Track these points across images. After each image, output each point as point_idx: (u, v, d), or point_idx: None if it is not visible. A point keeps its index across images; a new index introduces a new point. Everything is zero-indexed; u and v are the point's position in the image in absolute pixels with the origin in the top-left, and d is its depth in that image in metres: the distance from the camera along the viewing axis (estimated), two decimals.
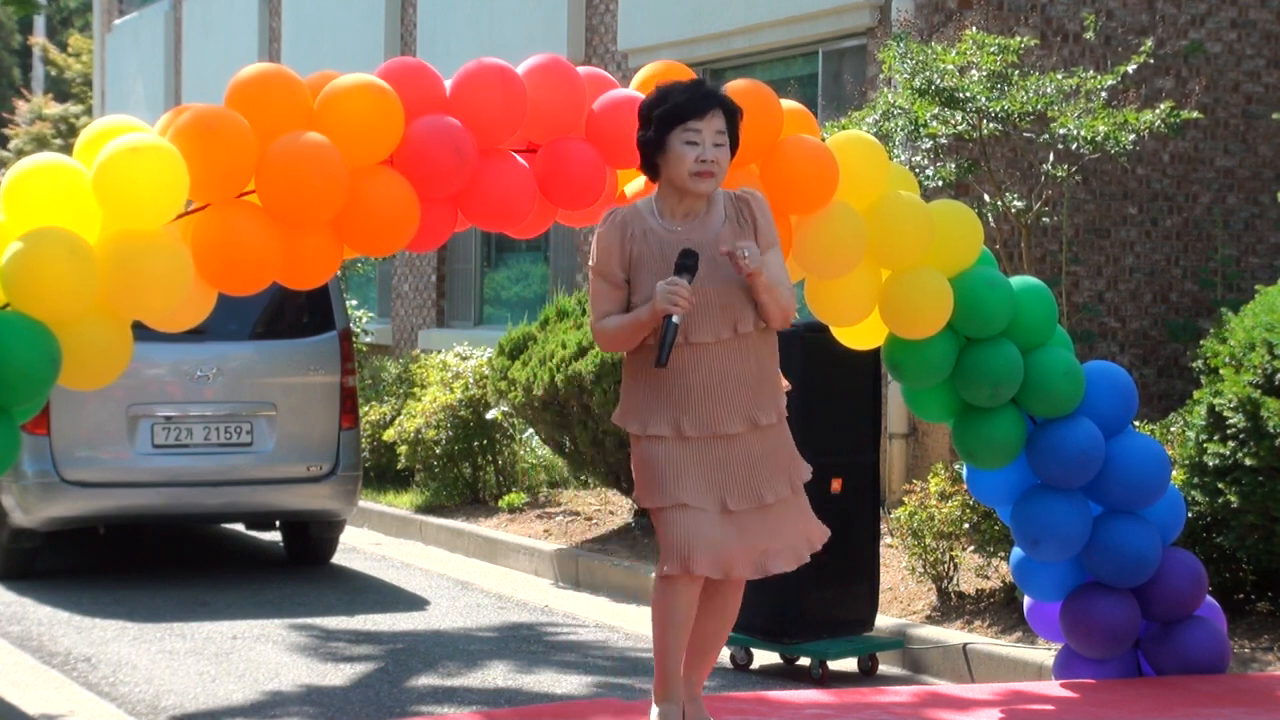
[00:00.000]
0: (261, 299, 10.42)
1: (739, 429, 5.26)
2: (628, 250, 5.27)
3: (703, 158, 5.21)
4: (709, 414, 5.24)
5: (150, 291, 5.39)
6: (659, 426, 5.25)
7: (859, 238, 6.12)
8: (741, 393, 5.27)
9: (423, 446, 12.65)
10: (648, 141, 5.29)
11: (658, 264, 5.25)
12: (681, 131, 5.22)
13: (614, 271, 5.29)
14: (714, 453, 5.25)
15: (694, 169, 5.22)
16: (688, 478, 5.23)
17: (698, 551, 5.19)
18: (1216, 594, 7.35)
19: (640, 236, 5.27)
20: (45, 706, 7.30)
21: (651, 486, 5.27)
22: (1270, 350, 7.38)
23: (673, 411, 5.24)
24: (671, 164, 5.25)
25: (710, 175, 5.24)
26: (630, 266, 5.27)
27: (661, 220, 5.30)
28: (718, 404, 5.25)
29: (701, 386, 5.24)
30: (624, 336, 5.30)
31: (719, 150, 5.25)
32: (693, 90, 5.28)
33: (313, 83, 5.67)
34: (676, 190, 5.30)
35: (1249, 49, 11.95)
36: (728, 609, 5.42)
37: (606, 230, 5.32)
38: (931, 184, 9.72)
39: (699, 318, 5.22)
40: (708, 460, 5.25)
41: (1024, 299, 6.41)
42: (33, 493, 10.06)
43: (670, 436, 5.24)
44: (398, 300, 17.81)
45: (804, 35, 12.50)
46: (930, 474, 8.88)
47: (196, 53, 22.70)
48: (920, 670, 8.10)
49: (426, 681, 7.82)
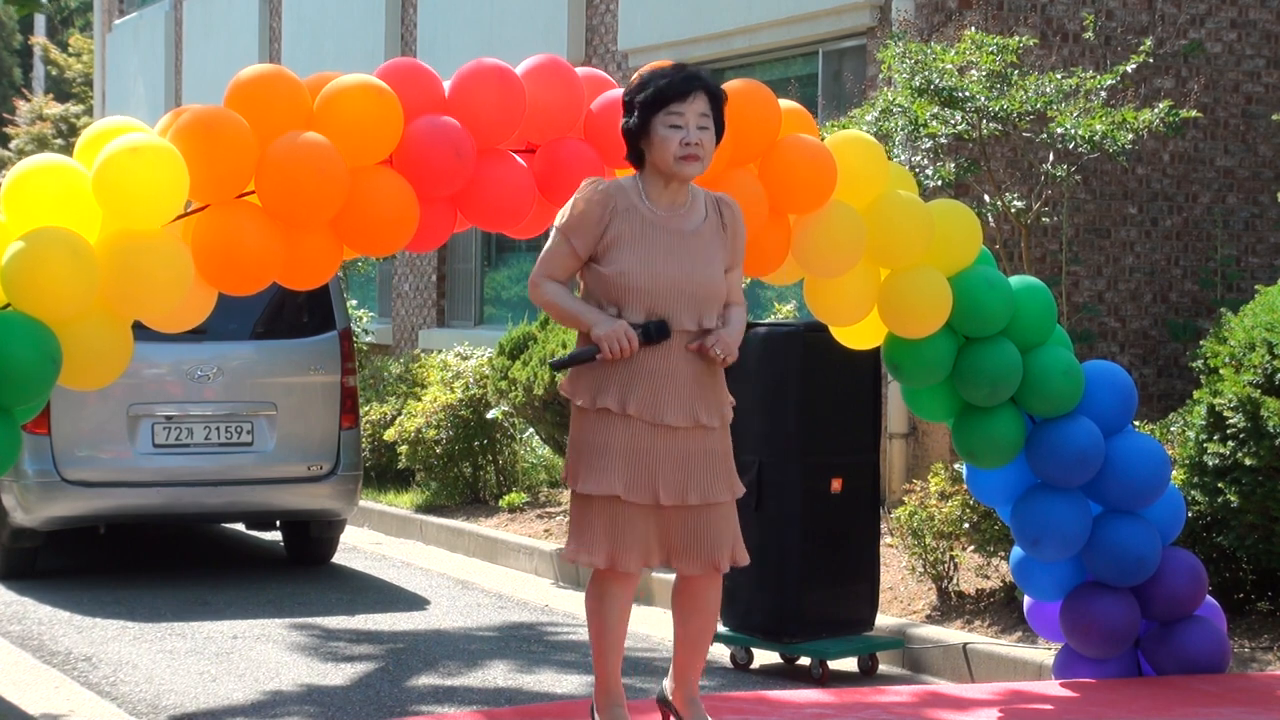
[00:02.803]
0: (262, 299, 10.42)
1: (681, 423, 5.21)
2: (604, 225, 5.22)
3: (687, 140, 5.18)
4: (655, 400, 5.19)
5: (150, 291, 5.40)
6: (606, 398, 5.19)
7: (858, 237, 6.12)
8: (690, 388, 5.23)
9: (423, 446, 12.65)
10: (631, 129, 5.27)
11: (639, 243, 5.20)
12: (665, 115, 5.19)
13: (579, 243, 5.25)
14: (653, 441, 5.19)
15: (679, 152, 5.19)
16: (625, 467, 5.18)
17: (626, 547, 5.17)
18: (1216, 594, 7.35)
19: (624, 213, 5.23)
20: (45, 706, 7.30)
21: (587, 469, 5.21)
22: (1270, 350, 7.38)
23: (622, 388, 5.19)
24: (656, 149, 5.22)
25: (696, 159, 5.21)
26: (605, 240, 5.22)
27: (647, 202, 5.28)
28: (666, 393, 5.20)
29: (653, 372, 5.19)
30: (557, 314, 5.32)
31: (703, 133, 5.22)
32: (674, 74, 5.24)
33: (312, 83, 5.68)
34: (662, 176, 5.26)
35: (1249, 49, 11.95)
36: (710, 605, 5.37)
37: (587, 200, 5.24)
38: (931, 183, 9.73)
39: (667, 304, 5.19)
40: (646, 448, 5.19)
41: (1023, 298, 6.42)
42: (33, 492, 10.06)
43: (615, 413, 5.18)
44: (398, 300, 17.82)
45: (804, 35, 12.50)
46: (930, 474, 8.88)
47: (197, 53, 22.70)
48: (920, 670, 8.10)
49: (426, 681, 7.82)
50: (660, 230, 5.24)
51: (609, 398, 5.20)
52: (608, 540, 5.19)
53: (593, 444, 5.22)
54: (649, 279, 5.19)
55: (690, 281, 5.22)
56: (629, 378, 5.19)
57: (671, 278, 5.20)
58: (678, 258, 5.22)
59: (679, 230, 5.26)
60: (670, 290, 5.20)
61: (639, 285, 5.20)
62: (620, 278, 5.20)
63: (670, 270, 5.20)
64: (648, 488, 5.19)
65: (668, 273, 5.20)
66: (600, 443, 5.21)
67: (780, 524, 7.76)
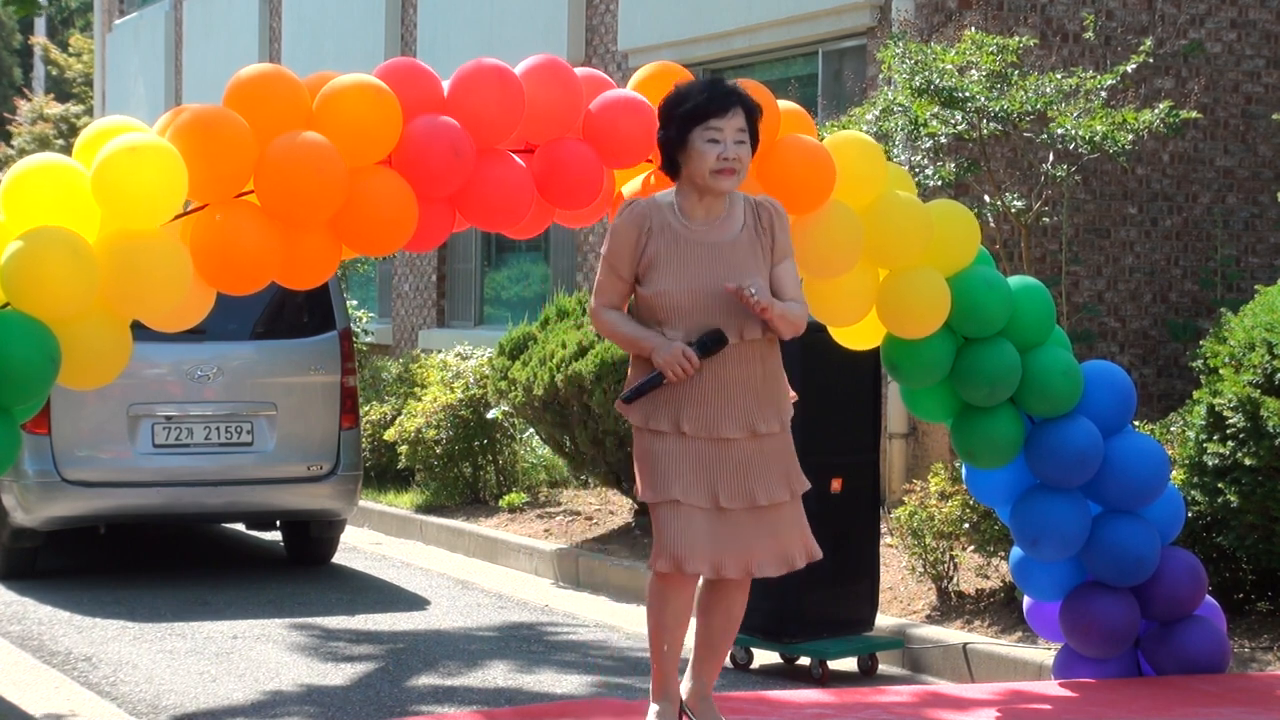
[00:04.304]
0: (261, 299, 10.43)
1: (737, 434, 5.28)
2: (641, 247, 5.28)
3: (724, 155, 5.23)
4: (709, 416, 5.26)
5: (149, 291, 5.39)
6: (659, 421, 5.27)
7: (856, 238, 6.12)
8: (744, 398, 5.29)
9: (423, 446, 12.65)
10: (669, 140, 5.31)
11: (674, 261, 5.26)
12: (703, 130, 5.24)
13: (621, 268, 5.32)
14: (710, 452, 5.26)
15: (715, 166, 5.24)
16: (682, 473, 5.24)
17: (689, 551, 5.21)
18: (1216, 594, 7.35)
19: (658, 232, 5.29)
20: (45, 706, 7.30)
21: (647, 481, 5.30)
22: (1270, 350, 7.38)
23: (674, 409, 5.26)
24: (693, 162, 5.27)
25: (732, 173, 5.27)
26: (643, 262, 5.28)
27: (681, 218, 5.31)
28: (719, 407, 5.26)
29: (704, 388, 5.25)
30: (619, 341, 5.38)
31: (740, 148, 5.28)
32: (713, 90, 5.30)
33: (311, 83, 5.68)
34: (697, 189, 5.31)
35: (1249, 49, 11.95)
36: (734, 607, 5.42)
37: (622, 224, 5.33)
38: (931, 184, 9.73)
39: (707, 320, 5.23)
40: (703, 457, 5.26)
41: (1022, 298, 6.42)
42: (33, 492, 10.06)
43: (669, 432, 5.26)
44: (398, 300, 17.82)
45: (804, 35, 12.50)
46: (930, 474, 8.88)
47: (196, 53, 22.70)
48: (920, 670, 8.10)
49: (426, 681, 7.82)
50: (696, 245, 5.28)
51: (662, 419, 5.27)
52: (672, 543, 5.23)
53: (651, 454, 5.30)
54: (688, 297, 5.24)
55: (726, 295, 5.23)
56: (679, 399, 5.26)
57: (711, 293, 5.24)
58: (714, 271, 5.26)
59: (715, 243, 5.30)
60: (710, 305, 5.24)
61: (677, 304, 5.25)
62: (659, 298, 5.26)
63: (708, 285, 5.25)
64: (707, 493, 5.24)
65: (706, 288, 5.25)
66: (658, 451, 5.28)
67: None
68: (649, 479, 5.29)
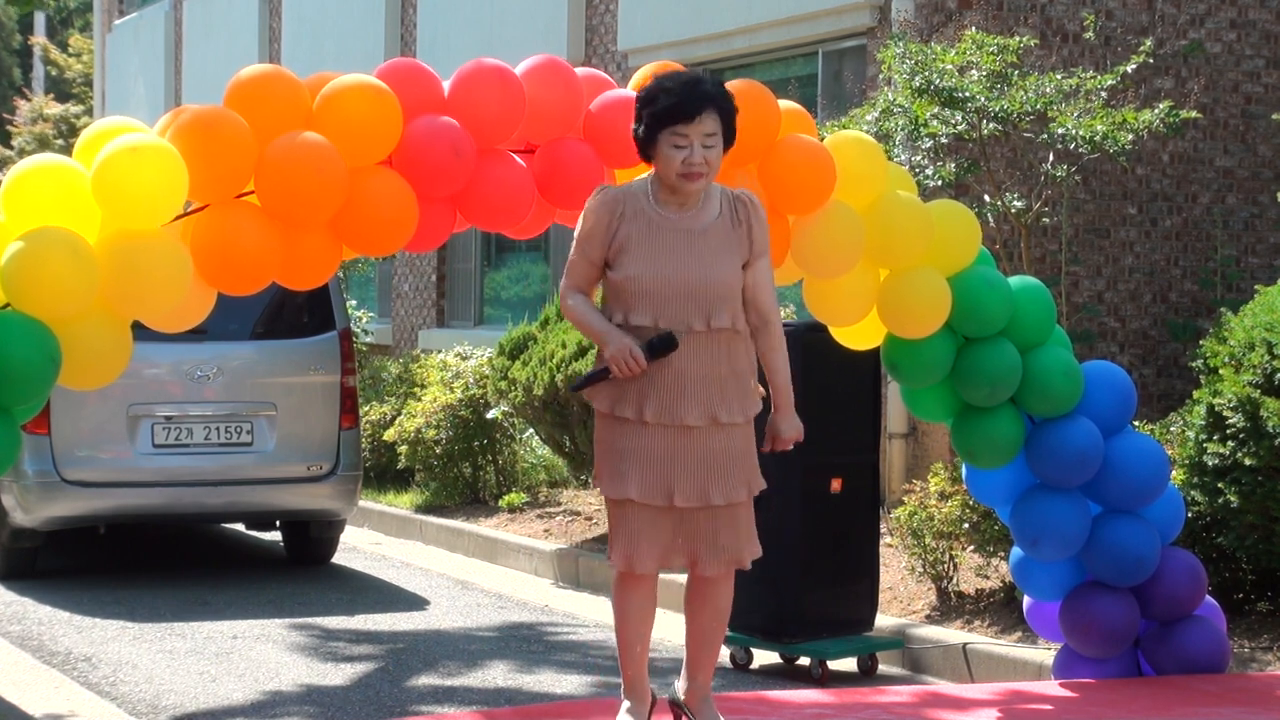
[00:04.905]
0: (261, 299, 10.42)
1: (699, 422, 5.25)
2: (613, 231, 5.27)
3: (690, 160, 5.20)
4: (672, 403, 5.24)
5: (150, 291, 5.40)
6: (624, 408, 5.26)
7: (857, 238, 6.12)
8: (707, 387, 5.27)
9: (423, 446, 12.65)
10: (638, 137, 5.31)
11: (645, 246, 5.24)
12: (669, 135, 5.21)
13: (592, 251, 5.32)
14: (671, 443, 5.24)
15: (680, 170, 5.22)
16: (640, 469, 5.23)
17: (639, 551, 5.24)
18: (1216, 594, 7.35)
19: (631, 216, 5.27)
20: (45, 706, 7.30)
21: (605, 473, 5.31)
22: (1270, 350, 7.38)
23: (638, 398, 5.25)
24: (660, 162, 5.26)
25: (699, 176, 5.23)
26: (614, 246, 5.27)
27: (655, 204, 5.31)
28: (682, 395, 5.24)
29: (668, 375, 5.23)
30: (579, 327, 5.41)
31: (709, 151, 5.23)
32: (683, 93, 5.21)
33: (311, 83, 5.68)
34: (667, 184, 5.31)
35: (1249, 49, 11.95)
36: (721, 601, 5.41)
37: (594, 208, 5.32)
38: (931, 184, 9.73)
39: (672, 306, 5.22)
40: (663, 450, 5.24)
41: (1022, 298, 6.42)
42: (33, 492, 10.06)
43: (633, 420, 5.25)
44: (398, 300, 17.82)
45: (804, 35, 12.50)
46: (930, 474, 8.88)
47: (196, 53, 22.70)
48: (920, 670, 8.10)
49: (426, 681, 7.82)
50: (668, 232, 5.26)
51: (627, 407, 5.27)
52: (625, 542, 5.26)
53: (612, 448, 5.30)
54: (657, 282, 5.23)
55: (699, 282, 5.24)
56: (644, 387, 5.25)
57: (680, 279, 5.23)
58: (686, 258, 5.24)
59: (688, 230, 5.28)
60: (678, 292, 5.23)
61: (646, 289, 5.23)
62: (628, 282, 5.25)
63: (678, 271, 5.23)
64: (662, 490, 5.23)
65: (675, 274, 5.23)
66: (619, 447, 5.28)
67: (780, 524, 7.75)
68: (607, 472, 5.29)
